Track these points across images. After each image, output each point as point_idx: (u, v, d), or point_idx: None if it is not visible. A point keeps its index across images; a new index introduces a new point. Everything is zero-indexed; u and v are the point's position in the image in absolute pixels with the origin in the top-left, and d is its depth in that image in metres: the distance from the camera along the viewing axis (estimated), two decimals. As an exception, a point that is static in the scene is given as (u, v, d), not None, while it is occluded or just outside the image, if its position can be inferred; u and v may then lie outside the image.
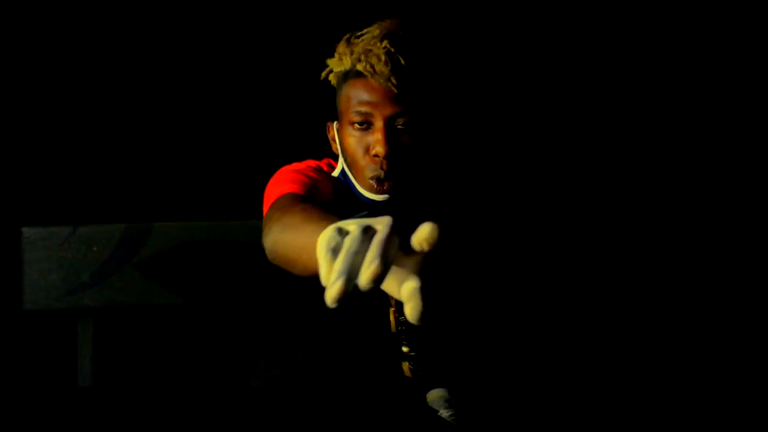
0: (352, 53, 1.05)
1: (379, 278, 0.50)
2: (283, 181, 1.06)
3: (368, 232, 0.55)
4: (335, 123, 1.14)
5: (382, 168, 1.04)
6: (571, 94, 1.85)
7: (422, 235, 0.53)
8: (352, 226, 0.55)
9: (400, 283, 0.56)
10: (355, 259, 0.52)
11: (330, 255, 0.53)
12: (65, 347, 1.50)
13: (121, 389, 1.61)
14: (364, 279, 0.50)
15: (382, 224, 0.55)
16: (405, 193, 1.09)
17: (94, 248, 1.41)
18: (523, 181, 1.83)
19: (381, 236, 0.53)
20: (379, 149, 1.03)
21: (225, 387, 1.62)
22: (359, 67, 1.03)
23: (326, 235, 0.56)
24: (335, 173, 1.16)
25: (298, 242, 0.78)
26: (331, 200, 1.09)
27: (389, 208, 1.08)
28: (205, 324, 1.65)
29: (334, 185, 1.13)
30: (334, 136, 1.15)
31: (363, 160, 1.06)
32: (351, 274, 0.51)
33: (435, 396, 1.10)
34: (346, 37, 1.09)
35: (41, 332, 1.62)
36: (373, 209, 1.08)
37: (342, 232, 0.56)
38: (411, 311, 0.53)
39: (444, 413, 1.08)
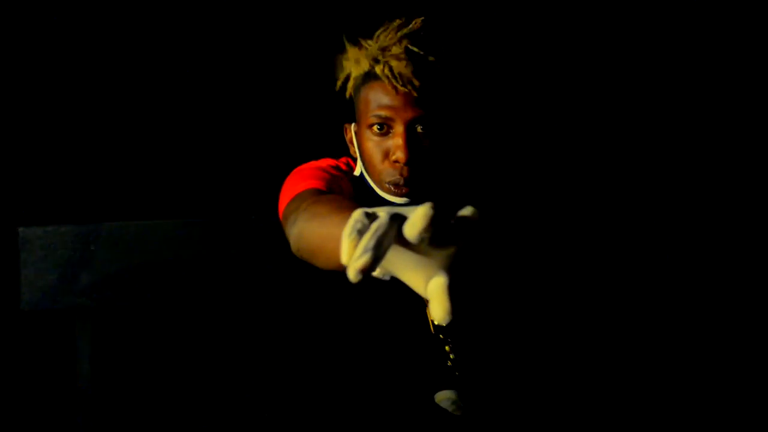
0: (369, 55, 1.01)
1: (428, 226, 0.48)
2: (304, 178, 1.03)
3: (397, 220, 0.52)
4: (353, 125, 1.10)
5: (401, 174, 1.01)
6: (590, 95, 1.83)
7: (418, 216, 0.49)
8: (382, 212, 0.53)
9: (427, 279, 0.53)
10: (382, 240, 0.49)
11: (355, 235, 0.51)
12: (64, 348, 1.49)
13: (120, 390, 1.60)
14: (412, 226, 0.48)
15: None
16: (425, 195, 1.05)
17: (92, 247, 1.40)
18: (542, 183, 1.81)
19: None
20: (400, 155, 0.99)
21: (227, 387, 1.61)
22: (377, 69, 0.99)
23: (354, 217, 0.53)
24: (356, 173, 1.13)
25: (324, 231, 0.76)
26: (353, 198, 1.05)
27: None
28: (206, 323, 1.64)
29: (355, 185, 1.09)
30: (351, 138, 1.11)
31: (381, 165, 1.03)
32: (377, 252, 0.48)
33: (443, 397, 1.08)
34: (358, 39, 1.05)
35: (39, 333, 1.61)
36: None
37: (370, 217, 0.53)
38: (437, 310, 0.50)
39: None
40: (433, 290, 0.51)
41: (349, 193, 1.06)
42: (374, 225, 0.51)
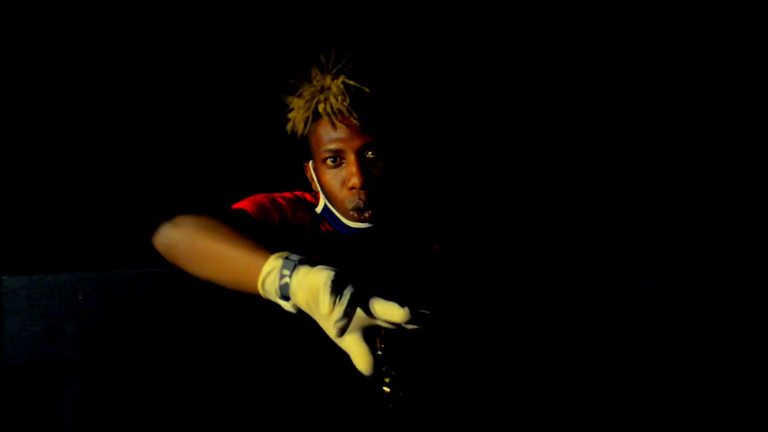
0: (312, 97, 1.07)
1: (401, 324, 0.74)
2: (248, 201, 1.10)
3: (360, 297, 0.75)
4: (310, 162, 1.17)
5: (360, 198, 1.09)
6: (540, 98, 1.86)
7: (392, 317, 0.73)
8: (348, 288, 0.74)
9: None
10: (352, 311, 0.74)
11: (335, 293, 0.73)
12: (47, 403, 1.43)
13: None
14: (388, 315, 0.73)
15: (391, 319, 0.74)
16: (386, 218, 1.13)
17: (80, 297, 1.35)
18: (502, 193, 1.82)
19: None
20: (355, 181, 1.07)
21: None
22: (320, 108, 1.06)
23: (332, 277, 0.74)
24: (318, 209, 1.19)
25: (217, 247, 0.91)
26: (307, 230, 1.14)
27: (374, 236, 1.13)
28: (199, 378, 1.59)
29: (315, 219, 1.16)
30: (311, 175, 1.18)
31: (341, 194, 1.10)
32: (350, 319, 0.74)
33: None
34: (296, 85, 1.11)
35: (21, 388, 1.54)
36: (358, 239, 1.13)
37: (342, 278, 0.75)
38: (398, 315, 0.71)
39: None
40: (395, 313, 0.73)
41: (306, 224, 1.15)
42: (347, 294, 0.73)
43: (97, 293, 1.35)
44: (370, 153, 1.09)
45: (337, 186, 1.10)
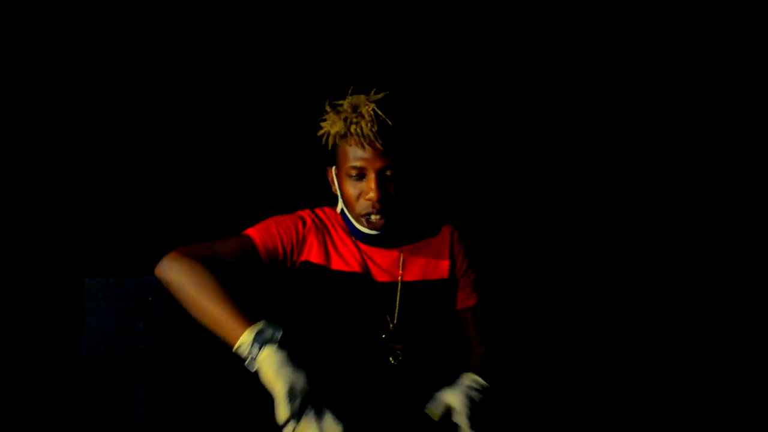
0: (345, 119, 1.24)
1: None
2: (264, 223, 1.30)
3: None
4: (333, 168, 1.34)
5: (374, 207, 1.25)
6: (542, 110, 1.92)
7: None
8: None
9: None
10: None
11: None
12: (120, 393, 1.56)
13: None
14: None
15: None
16: (394, 227, 1.30)
17: (150, 297, 1.49)
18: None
19: None
20: (372, 195, 1.24)
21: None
22: (352, 129, 1.23)
23: (287, 400, 1.01)
24: (338, 209, 1.38)
25: (211, 306, 1.14)
26: (320, 243, 1.32)
27: (382, 240, 1.32)
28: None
29: (327, 229, 1.35)
30: (332, 179, 1.35)
31: (357, 202, 1.28)
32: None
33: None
34: (334, 104, 1.28)
35: (98, 379, 1.68)
36: (370, 239, 1.32)
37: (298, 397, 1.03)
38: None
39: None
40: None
41: (310, 236, 1.32)
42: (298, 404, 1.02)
43: (165, 294, 1.48)
44: (388, 172, 1.25)
45: (355, 195, 1.27)
